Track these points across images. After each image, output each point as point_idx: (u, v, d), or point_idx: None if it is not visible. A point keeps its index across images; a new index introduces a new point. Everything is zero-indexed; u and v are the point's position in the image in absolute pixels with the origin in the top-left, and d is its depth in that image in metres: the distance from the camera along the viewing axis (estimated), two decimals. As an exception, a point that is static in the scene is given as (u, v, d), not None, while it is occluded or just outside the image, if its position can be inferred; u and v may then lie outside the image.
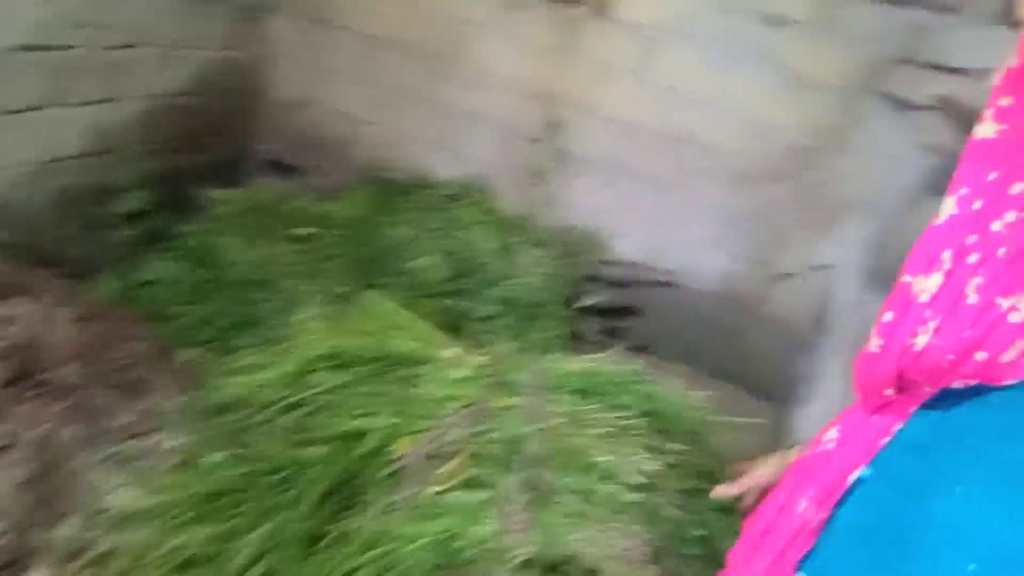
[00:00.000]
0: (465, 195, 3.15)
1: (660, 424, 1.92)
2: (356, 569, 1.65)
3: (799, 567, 0.65)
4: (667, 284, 3.04)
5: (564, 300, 2.77)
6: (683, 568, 1.66)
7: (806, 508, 0.64)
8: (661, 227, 3.05)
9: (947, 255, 0.54)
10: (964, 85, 1.75)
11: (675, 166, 2.99)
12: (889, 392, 0.59)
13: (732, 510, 1.88)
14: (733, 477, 1.16)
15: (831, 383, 2.50)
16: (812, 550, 0.64)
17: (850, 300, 2.68)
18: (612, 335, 2.98)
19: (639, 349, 2.62)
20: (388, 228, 3.06)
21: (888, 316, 0.58)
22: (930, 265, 0.55)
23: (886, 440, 0.62)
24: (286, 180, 3.53)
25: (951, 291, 0.53)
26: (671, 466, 1.81)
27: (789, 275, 2.94)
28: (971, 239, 0.53)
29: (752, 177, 2.93)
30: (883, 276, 2.46)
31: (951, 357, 0.53)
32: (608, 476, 1.75)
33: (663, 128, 2.98)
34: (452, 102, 3.25)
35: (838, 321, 2.71)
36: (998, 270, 0.52)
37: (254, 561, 1.68)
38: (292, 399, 2.06)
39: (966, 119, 1.70)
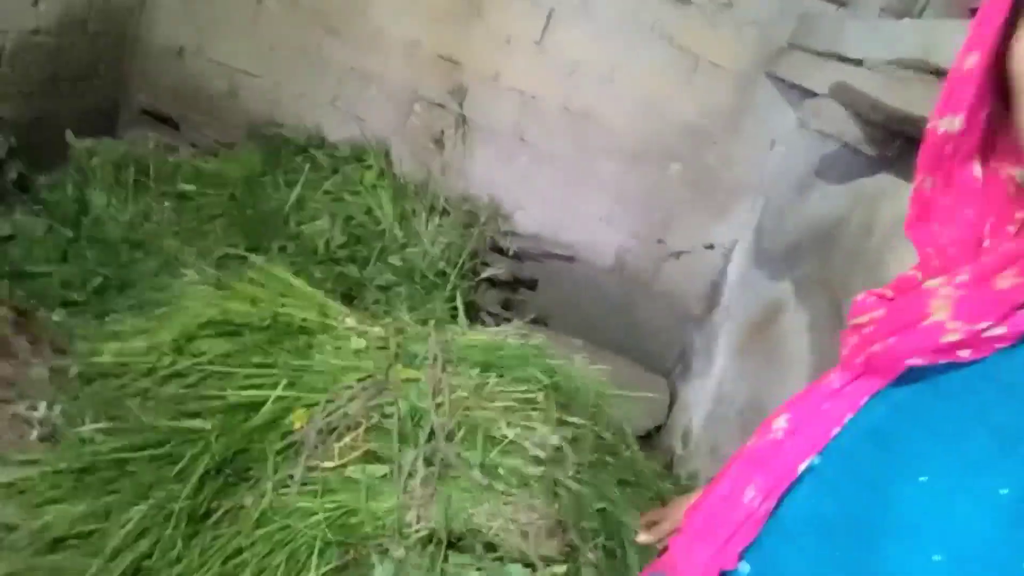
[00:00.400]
0: (360, 158, 3.03)
1: (561, 398, 1.92)
2: (247, 547, 1.57)
3: (742, 557, 0.64)
4: (565, 258, 3.05)
5: (463, 271, 2.72)
6: (583, 541, 1.68)
7: (752, 498, 0.63)
8: (560, 202, 3.06)
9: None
10: (858, 74, 1.82)
11: (574, 142, 3.00)
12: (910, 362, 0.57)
13: (631, 483, 1.92)
14: (644, 526, 1.12)
15: (719, 357, 2.59)
16: (756, 540, 0.63)
17: (739, 279, 2.78)
18: (510, 308, 2.97)
19: (536, 322, 2.62)
20: (277, 189, 2.91)
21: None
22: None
23: (837, 429, 0.61)
24: (163, 134, 3.28)
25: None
26: (572, 439, 1.82)
27: (681, 253, 3.02)
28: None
29: (647, 156, 2.98)
30: (768, 256, 2.57)
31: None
32: (510, 450, 1.74)
33: (563, 103, 2.97)
34: (346, 61, 3.11)
35: (727, 299, 2.80)
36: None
37: (134, 540, 1.56)
38: (174, 368, 1.92)
39: (860, 107, 1.78)
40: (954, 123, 0.57)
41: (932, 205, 0.59)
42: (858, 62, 1.91)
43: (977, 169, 0.58)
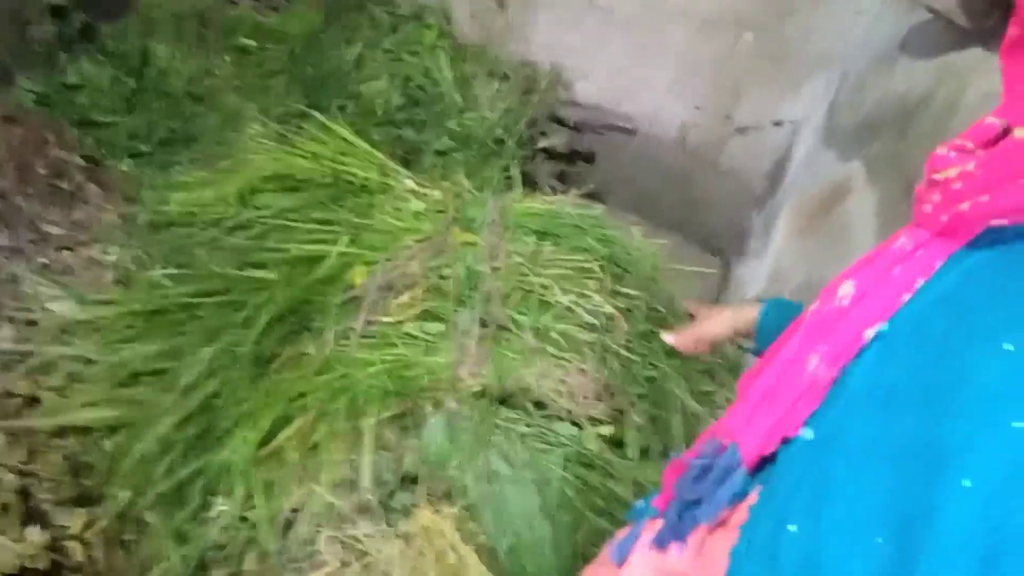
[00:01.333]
0: (420, 17, 2.94)
1: (616, 269, 1.93)
2: (309, 391, 1.65)
3: (805, 424, 0.63)
4: (626, 130, 2.97)
5: (521, 140, 2.68)
6: (630, 405, 1.72)
7: (816, 366, 0.61)
8: (625, 70, 2.94)
9: None
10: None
11: (645, 4, 2.85)
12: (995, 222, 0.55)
13: (679, 355, 1.94)
14: (686, 317, 1.15)
15: (778, 237, 2.55)
16: (820, 407, 0.62)
17: (806, 158, 2.68)
18: (566, 180, 2.93)
19: (592, 196, 2.59)
20: (337, 46, 2.85)
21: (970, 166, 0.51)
22: None
23: (908, 296, 0.58)
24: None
25: None
26: (625, 310, 1.83)
27: (748, 128, 2.91)
28: None
29: (721, 23, 2.82)
30: (840, 134, 2.47)
31: None
32: (563, 316, 1.77)
33: (636, -38, 2.80)
34: (411, -88, 2.97)
35: (792, 177, 2.72)
36: None
37: (203, 379, 1.66)
38: (239, 219, 1.97)
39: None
40: None
41: None
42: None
43: None
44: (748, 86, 2.87)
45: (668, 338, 1.16)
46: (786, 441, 0.65)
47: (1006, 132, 0.56)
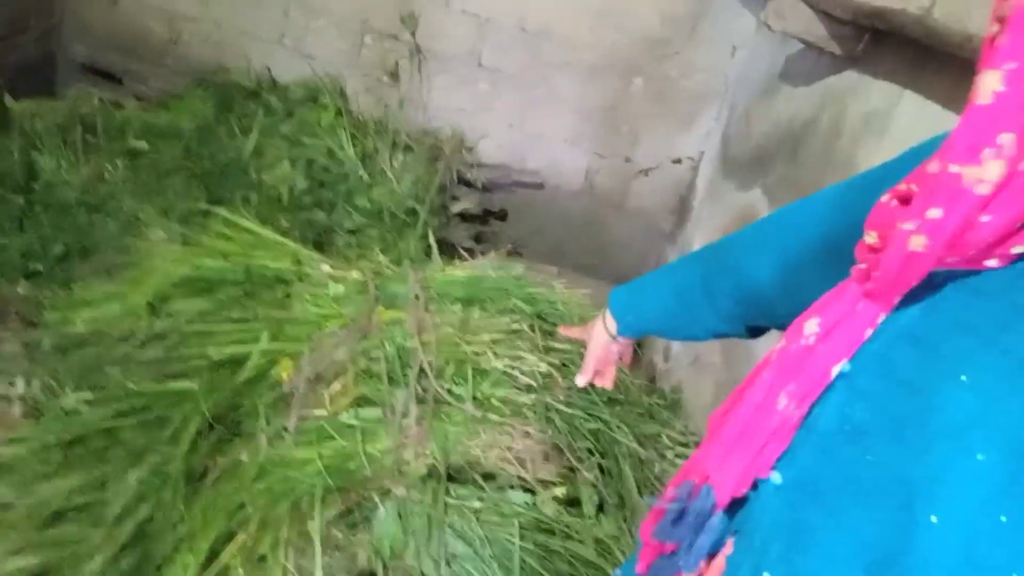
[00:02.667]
0: (315, 98, 2.94)
1: (545, 325, 1.93)
2: (249, 501, 1.57)
3: (775, 466, 0.63)
4: (533, 185, 3.02)
5: (433, 207, 2.69)
6: (580, 461, 1.71)
7: (786, 405, 0.62)
8: (524, 126, 3.00)
9: (1007, 139, 0.49)
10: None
11: (533, 62, 2.93)
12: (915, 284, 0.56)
13: (620, 402, 1.95)
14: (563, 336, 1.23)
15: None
16: (789, 449, 0.62)
17: (708, 191, 2.77)
18: (482, 240, 2.94)
19: (510, 253, 2.61)
20: (232, 137, 2.81)
21: (935, 213, 0.52)
22: (978, 152, 0.51)
23: (871, 331, 0.60)
24: (103, 87, 3.14)
25: (1017, 178, 0.49)
26: (559, 365, 1.84)
27: (649, 169, 3.00)
28: None
29: (608, 70, 2.92)
30: (736, 165, 2.56)
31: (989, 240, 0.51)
32: (501, 380, 1.75)
33: (519, 22, 2.89)
34: (290, -6, 2.98)
35: (697, 211, 2.81)
36: None
37: (134, 506, 1.56)
38: (152, 330, 1.89)
39: (826, 4, 1.75)
40: None
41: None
42: (818, -41, 1.87)
43: None
44: (643, 128, 2.97)
45: (580, 381, 1.20)
46: (756, 483, 0.65)
47: None
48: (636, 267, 3.06)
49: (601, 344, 1.15)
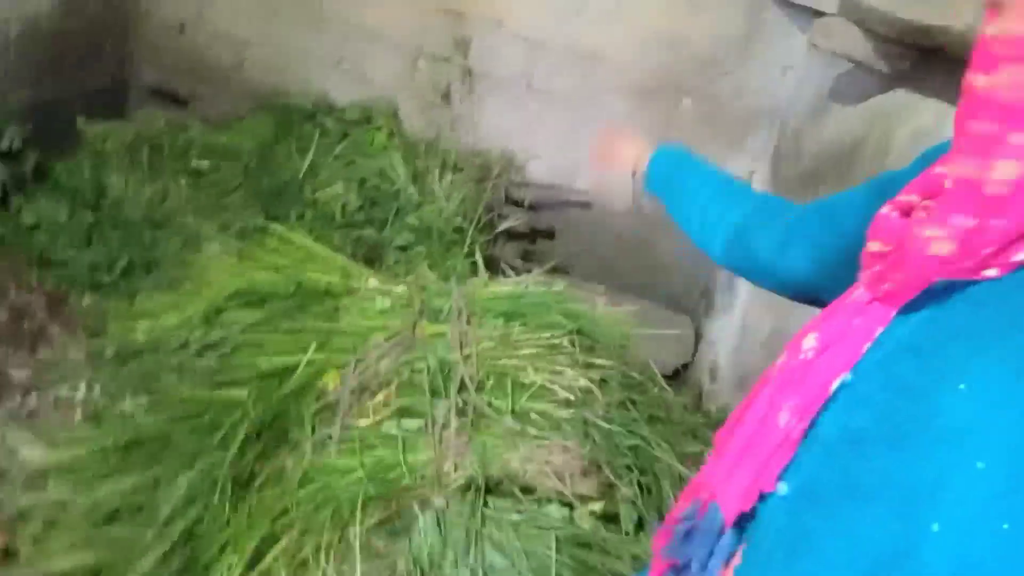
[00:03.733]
0: (369, 119, 3.02)
1: (586, 341, 1.94)
2: (292, 507, 1.62)
3: (780, 478, 0.64)
4: (581, 204, 3.03)
5: (480, 225, 2.73)
6: (618, 478, 1.70)
7: (787, 420, 0.63)
8: (572, 147, 3.02)
9: (1018, 138, 0.50)
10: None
11: (583, 84, 2.96)
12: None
13: (661, 420, 1.94)
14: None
15: (742, 291, 2.59)
16: (793, 460, 0.63)
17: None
18: (529, 259, 2.97)
19: (556, 271, 2.63)
20: (289, 158, 2.91)
21: (968, 222, 0.53)
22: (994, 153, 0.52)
23: (869, 345, 0.60)
24: (171, 110, 3.29)
25: None
26: (600, 381, 1.84)
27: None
28: None
29: (658, 91, 2.93)
30: (787, 186, 2.54)
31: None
32: (540, 395, 1.76)
33: (570, 44, 2.92)
34: (348, 20, 3.08)
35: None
36: None
37: (183, 508, 1.62)
38: (206, 340, 1.97)
39: (871, 23, 1.74)
40: None
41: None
42: (867, -23, 1.86)
43: None
44: (693, 147, 2.95)
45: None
46: (764, 496, 0.66)
47: None
48: (685, 288, 3.05)
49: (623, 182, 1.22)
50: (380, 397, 1.79)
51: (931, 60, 1.68)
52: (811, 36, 2.03)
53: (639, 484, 1.77)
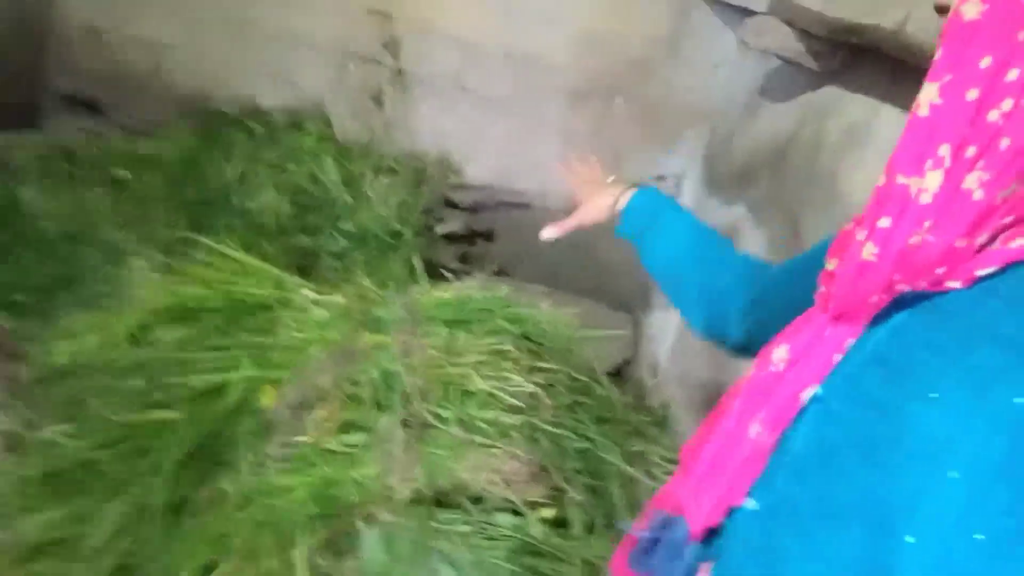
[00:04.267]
0: (298, 124, 2.94)
1: (531, 345, 1.92)
2: (232, 531, 1.55)
3: (750, 493, 0.62)
4: (520, 205, 3.02)
5: (418, 229, 2.68)
6: (568, 482, 1.69)
7: (758, 432, 0.61)
8: (509, 148, 3.01)
9: (945, 150, 0.51)
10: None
11: (517, 86, 2.94)
12: (874, 299, 0.56)
13: (608, 420, 1.94)
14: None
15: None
16: (764, 475, 0.62)
17: (693, 208, 2.78)
18: (469, 262, 2.94)
19: (497, 274, 2.61)
20: (216, 165, 2.81)
21: (884, 222, 0.53)
22: (922, 163, 0.52)
23: (839, 356, 0.60)
24: (87, 119, 3.14)
25: (952, 188, 0.51)
26: (546, 385, 1.82)
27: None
28: (967, 131, 0.50)
29: (592, 92, 2.93)
30: (720, 182, 2.57)
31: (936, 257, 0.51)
32: (487, 402, 1.74)
33: (503, 46, 2.90)
34: (273, 23, 2.99)
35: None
36: (1002, 164, 0.49)
37: (114, 540, 1.53)
38: (133, 360, 1.87)
39: (802, 21, 1.76)
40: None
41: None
42: (794, -24, 1.89)
43: None
44: (627, 148, 2.98)
45: (548, 233, 1.20)
46: (732, 511, 0.65)
47: None
48: (629, 288, 3.06)
49: (597, 223, 1.16)
50: (321, 412, 1.73)
51: (861, 57, 1.71)
52: (743, 35, 2.05)
53: (588, 488, 1.76)
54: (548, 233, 1.17)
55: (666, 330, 2.64)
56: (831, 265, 0.61)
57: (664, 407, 2.41)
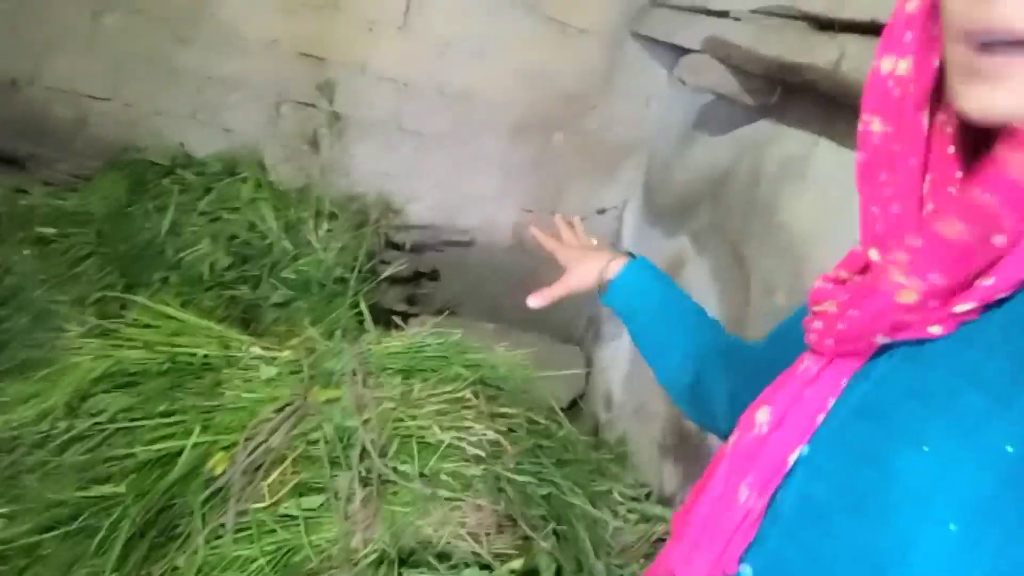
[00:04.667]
0: (233, 172, 2.86)
1: (489, 390, 1.90)
2: (189, 610, 1.48)
3: (743, 559, 0.62)
4: (463, 243, 3.01)
5: (362, 273, 2.64)
6: (535, 530, 1.67)
7: (748, 497, 0.61)
8: (449, 186, 3.00)
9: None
10: (729, 26, 1.85)
11: (455, 123, 2.94)
12: (879, 339, 0.56)
13: (569, 461, 1.92)
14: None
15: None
16: (756, 539, 0.61)
17: (635, 239, 2.81)
18: (415, 303, 2.90)
19: (443, 312, 2.58)
20: (148, 218, 2.71)
21: (940, 280, 0.53)
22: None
23: (823, 415, 0.60)
24: (8, 176, 3.00)
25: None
26: (507, 431, 1.80)
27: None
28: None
29: (530, 127, 2.95)
30: (661, 213, 2.61)
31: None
32: (448, 454, 1.71)
33: (438, 84, 2.90)
34: (201, 69, 2.92)
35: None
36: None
37: (60, 630, 1.44)
38: (72, 432, 1.78)
39: (736, 59, 1.81)
40: (900, 65, 0.55)
41: (881, 151, 0.57)
42: (723, 14, 1.94)
43: (925, 119, 0.56)
44: (567, 181, 3.01)
45: (534, 301, 1.17)
46: None
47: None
48: (574, 319, 3.07)
49: (585, 292, 1.12)
50: (275, 475, 1.67)
51: (796, 93, 1.76)
52: (678, 72, 2.10)
53: (555, 532, 1.74)
54: (534, 302, 1.14)
55: (617, 361, 2.65)
56: (817, 308, 0.61)
57: (621, 442, 2.41)
